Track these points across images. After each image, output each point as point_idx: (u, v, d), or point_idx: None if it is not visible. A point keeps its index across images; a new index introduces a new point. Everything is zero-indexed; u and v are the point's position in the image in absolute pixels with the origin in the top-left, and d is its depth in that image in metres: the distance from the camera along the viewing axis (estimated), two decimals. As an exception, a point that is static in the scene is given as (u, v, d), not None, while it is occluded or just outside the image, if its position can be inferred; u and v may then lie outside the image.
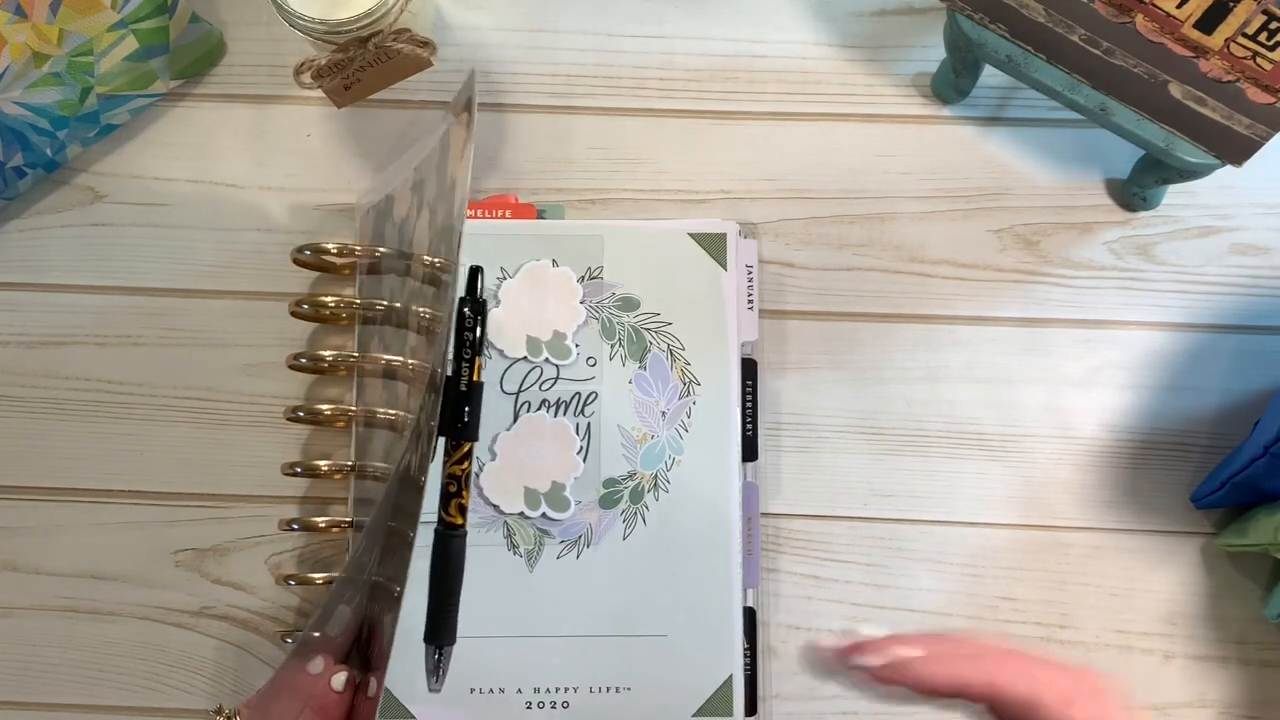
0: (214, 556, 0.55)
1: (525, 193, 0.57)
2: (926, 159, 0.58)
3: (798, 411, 0.56)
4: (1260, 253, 0.56)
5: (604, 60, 0.59)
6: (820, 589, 0.55)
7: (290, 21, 0.51)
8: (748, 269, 0.55)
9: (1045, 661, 0.38)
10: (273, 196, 0.58)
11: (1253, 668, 0.54)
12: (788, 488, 0.55)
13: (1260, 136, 0.47)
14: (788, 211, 0.57)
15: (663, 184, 0.58)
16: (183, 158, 0.58)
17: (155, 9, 0.54)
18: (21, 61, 0.52)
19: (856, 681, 0.39)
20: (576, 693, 0.52)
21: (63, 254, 0.57)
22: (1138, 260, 0.57)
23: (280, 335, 0.56)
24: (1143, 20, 0.46)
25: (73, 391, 0.56)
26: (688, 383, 0.54)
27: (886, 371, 0.56)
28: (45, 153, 0.56)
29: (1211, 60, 0.46)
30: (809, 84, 0.59)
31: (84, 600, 0.55)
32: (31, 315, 0.57)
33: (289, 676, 0.44)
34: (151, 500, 0.56)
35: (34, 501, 0.56)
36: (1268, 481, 0.50)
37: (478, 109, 0.58)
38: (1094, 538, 0.55)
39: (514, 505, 0.53)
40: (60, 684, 0.55)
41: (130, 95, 0.57)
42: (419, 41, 0.54)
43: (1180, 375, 0.56)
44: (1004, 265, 0.57)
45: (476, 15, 0.60)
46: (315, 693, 0.44)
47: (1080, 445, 0.55)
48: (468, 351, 0.49)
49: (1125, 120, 0.51)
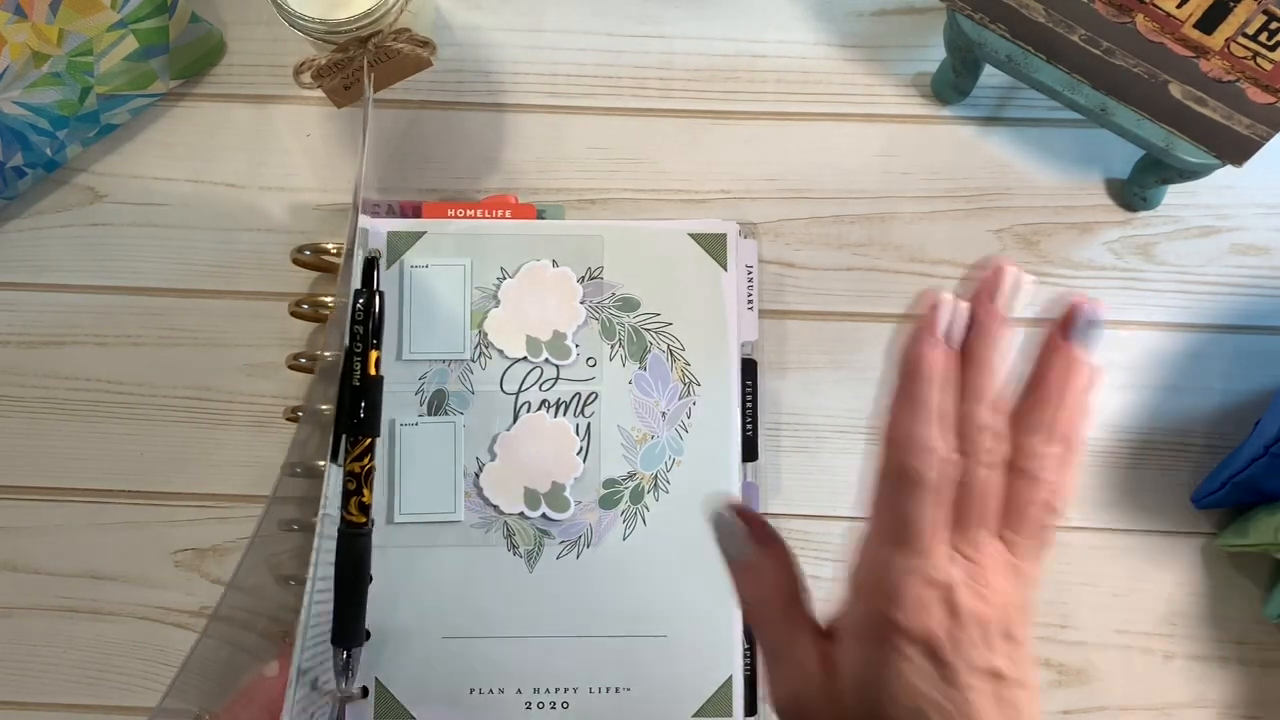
0: (214, 556, 0.55)
1: (525, 193, 0.57)
2: (926, 159, 0.58)
3: (797, 411, 0.56)
4: (1260, 253, 0.56)
5: (604, 60, 0.59)
6: (820, 589, 0.54)
7: (290, 21, 0.51)
8: (748, 269, 0.55)
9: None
10: (273, 196, 0.58)
11: (1253, 668, 0.54)
12: (787, 488, 0.55)
13: (1260, 136, 0.47)
14: (788, 211, 0.57)
15: (663, 184, 0.58)
16: (183, 158, 0.58)
17: (155, 9, 0.54)
18: (21, 61, 0.52)
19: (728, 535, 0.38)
20: (576, 693, 0.52)
21: (63, 254, 0.57)
22: (1138, 260, 0.57)
23: (280, 335, 0.56)
24: (1143, 20, 0.46)
25: (73, 391, 0.56)
26: (688, 383, 0.54)
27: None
28: (45, 153, 0.56)
29: (1212, 60, 0.45)
30: (809, 84, 0.59)
31: (83, 600, 0.55)
32: (31, 315, 0.57)
33: (251, 682, 0.46)
34: (151, 500, 0.56)
35: (34, 501, 0.56)
36: (1268, 481, 0.50)
37: (476, 109, 0.59)
38: (1094, 538, 0.55)
39: (514, 505, 0.53)
40: (60, 684, 0.55)
41: (130, 95, 0.57)
42: (419, 41, 0.54)
43: (1180, 375, 0.56)
44: (1004, 265, 0.57)
45: (476, 15, 0.60)
46: (274, 695, 0.45)
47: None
48: (359, 345, 0.49)
49: (1125, 120, 0.51)
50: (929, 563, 0.34)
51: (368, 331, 0.50)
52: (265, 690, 0.47)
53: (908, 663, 0.33)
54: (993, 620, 0.33)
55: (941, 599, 0.33)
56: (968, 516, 0.34)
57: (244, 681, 0.49)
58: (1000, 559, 0.34)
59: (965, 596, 0.33)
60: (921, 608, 0.33)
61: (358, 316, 0.50)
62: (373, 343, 0.50)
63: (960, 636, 0.33)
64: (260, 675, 0.47)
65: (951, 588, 0.33)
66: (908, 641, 0.33)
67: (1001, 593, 0.34)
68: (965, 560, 0.34)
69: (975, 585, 0.34)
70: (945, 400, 0.34)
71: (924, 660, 0.33)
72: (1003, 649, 0.33)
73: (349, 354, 0.49)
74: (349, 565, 0.50)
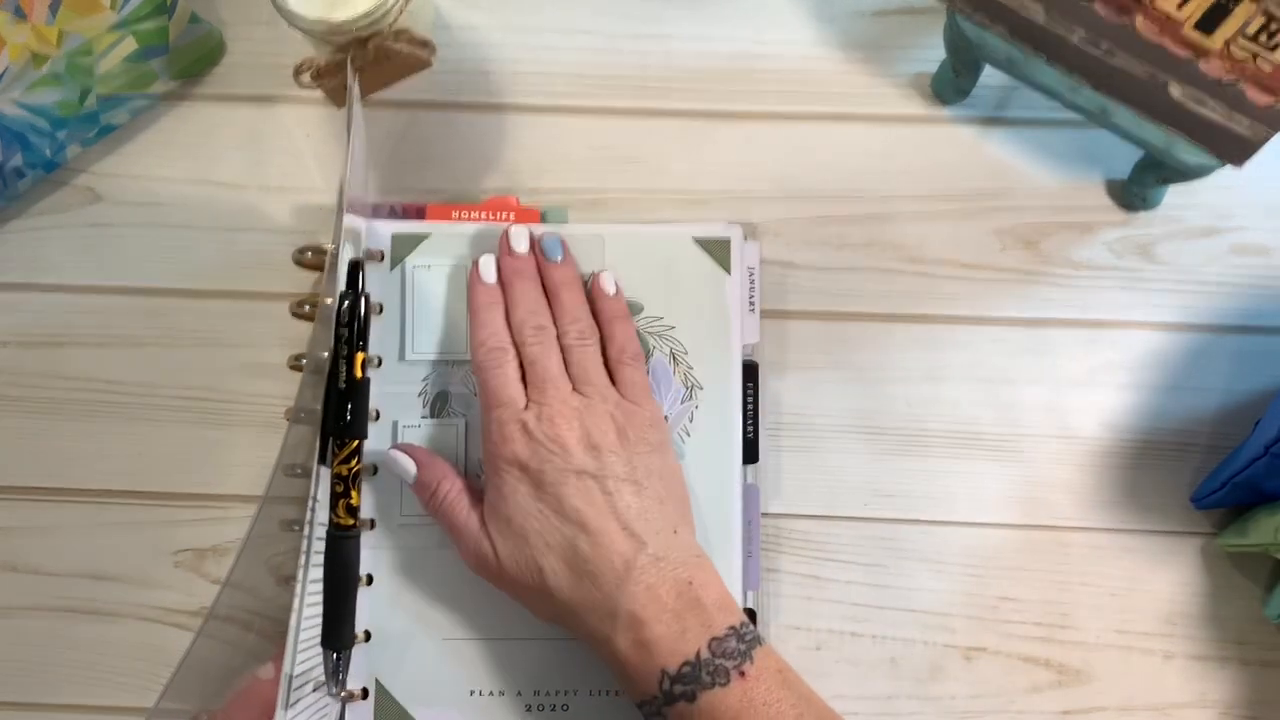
0: (214, 556, 0.55)
1: (525, 193, 0.57)
2: (926, 159, 0.58)
3: (798, 411, 0.56)
4: (1260, 253, 0.57)
5: (604, 60, 0.59)
6: (820, 589, 0.55)
7: (290, 21, 0.51)
8: (749, 271, 0.55)
9: None
10: (273, 196, 0.58)
11: (1253, 668, 0.54)
12: (788, 488, 0.55)
13: (1260, 137, 0.47)
14: (788, 211, 0.57)
15: (662, 184, 0.58)
16: (183, 158, 0.58)
17: (155, 9, 0.54)
18: (21, 62, 0.52)
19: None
20: (577, 695, 0.52)
21: (63, 254, 0.57)
22: (1138, 260, 0.57)
23: (280, 335, 0.56)
24: (1143, 21, 0.46)
25: (73, 391, 0.56)
26: (690, 386, 0.54)
27: (887, 371, 0.56)
28: (45, 153, 0.56)
29: (1211, 61, 0.46)
30: (809, 84, 0.59)
31: (83, 600, 0.55)
32: (31, 315, 0.57)
33: (249, 684, 0.47)
34: (151, 500, 0.56)
35: (34, 501, 0.56)
36: (1268, 481, 0.50)
37: (476, 109, 0.59)
38: (1094, 538, 0.55)
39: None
40: (60, 684, 0.55)
41: (130, 95, 0.56)
42: (418, 41, 0.54)
43: (1180, 375, 0.56)
44: (1004, 265, 0.57)
45: (476, 15, 0.60)
46: (271, 697, 0.46)
47: (1080, 445, 0.55)
48: (345, 348, 0.50)
49: (1125, 121, 0.51)
50: (509, 410, 0.48)
51: (353, 334, 0.50)
52: (262, 693, 0.47)
53: (511, 480, 0.47)
54: (570, 439, 0.47)
55: (521, 431, 0.47)
56: (534, 380, 0.49)
57: (242, 682, 0.49)
58: (570, 400, 0.48)
59: (537, 426, 0.47)
60: (507, 439, 0.47)
61: (343, 319, 0.50)
62: (358, 345, 0.50)
63: (540, 452, 0.46)
64: (256, 677, 0.48)
65: (525, 423, 0.47)
66: (506, 465, 0.47)
67: (573, 421, 0.47)
68: (537, 405, 0.48)
69: (545, 420, 0.47)
70: (496, 315, 0.50)
71: (520, 474, 0.47)
72: (584, 456, 0.47)
73: (335, 357, 0.49)
74: (337, 568, 0.49)
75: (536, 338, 0.50)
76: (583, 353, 0.50)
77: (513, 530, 0.46)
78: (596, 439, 0.47)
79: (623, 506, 0.46)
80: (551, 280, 0.52)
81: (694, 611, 0.45)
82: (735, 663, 0.44)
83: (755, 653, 0.44)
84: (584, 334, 0.51)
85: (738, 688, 0.43)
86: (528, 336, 0.50)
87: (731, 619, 0.45)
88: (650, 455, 0.48)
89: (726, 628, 0.45)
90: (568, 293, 0.52)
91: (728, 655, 0.44)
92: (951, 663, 0.54)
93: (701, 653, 0.44)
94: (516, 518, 0.46)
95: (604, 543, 0.45)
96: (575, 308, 0.51)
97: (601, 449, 0.47)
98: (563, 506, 0.46)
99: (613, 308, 0.53)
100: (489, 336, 0.50)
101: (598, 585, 0.45)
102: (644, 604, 0.44)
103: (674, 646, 0.44)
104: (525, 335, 0.50)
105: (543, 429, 0.47)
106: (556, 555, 0.46)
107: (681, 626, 0.44)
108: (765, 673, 0.44)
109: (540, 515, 0.46)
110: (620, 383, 0.50)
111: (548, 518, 0.46)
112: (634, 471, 0.47)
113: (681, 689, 0.43)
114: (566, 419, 0.47)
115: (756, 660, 0.44)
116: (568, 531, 0.46)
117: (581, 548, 0.45)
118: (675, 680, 0.43)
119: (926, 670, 0.54)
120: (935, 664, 0.54)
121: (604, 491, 0.46)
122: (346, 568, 0.50)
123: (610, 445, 0.47)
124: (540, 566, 0.46)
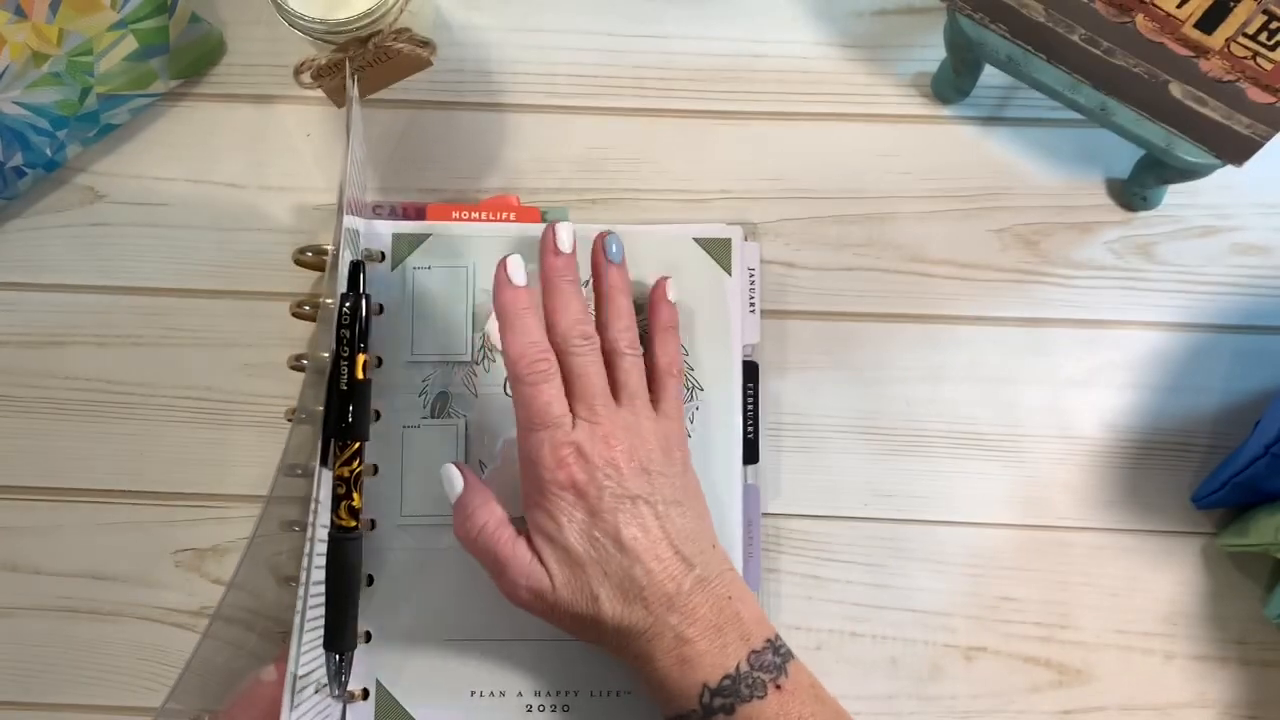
0: (214, 556, 0.55)
1: (525, 193, 0.57)
2: (926, 159, 0.58)
3: (798, 411, 0.56)
4: (1260, 253, 0.57)
5: (604, 60, 0.59)
6: (820, 589, 0.55)
7: (290, 21, 0.51)
8: (750, 271, 0.55)
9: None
10: (273, 196, 0.58)
11: (1253, 668, 0.54)
12: (788, 488, 0.55)
13: (1260, 136, 0.47)
14: (788, 211, 0.57)
15: (663, 184, 0.58)
16: (183, 158, 0.58)
17: (155, 9, 0.54)
18: (21, 61, 0.52)
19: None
20: (577, 696, 0.52)
21: (63, 254, 0.57)
22: (1138, 260, 0.57)
23: (280, 335, 0.56)
24: (1143, 20, 0.46)
25: (73, 391, 0.56)
26: (691, 388, 0.54)
27: (887, 371, 0.56)
28: (45, 153, 0.56)
29: (1212, 60, 0.45)
30: (809, 84, 0.59)
31: (84, 600, 0.55)
32: (31, 315, 0.57)
33: (251, 686, 0.46)
34: (151, 500, 0.56)
35: (34, 501, 0.56)
36: (1268, 481, 0.50)
37: (476, 109, 0.58)
38: (1094, 538, 0.55)
39: (517, 508, 0.53)
40: (60, 684, 0.55)
41: (130, 95, 0.56)
42: (419, 41, 0.54)
43: (1181, 375, 0.56)
44: (1004, 265, 0.57)
45: (476, 15, 0.60)
46: (274, 699, 0.46)
47: (1080, 445, 0.55)
48: (346, 349, 0.49)
49: (1125, 120, 0.51)
50: (560, 431, 0.45)
51: (354, 335, 0.50)
52: (264, 695, 0.47)
53: (566, 506, 0.45)
54: (622, 461, 0.45)
55: (576, 455, 0.45)
56: (581, 394, 0.46)
57: (244, 683, 0.49)
58: (619, 418, 0.46)
59: (591, 448, 0.45)
60: (562, 463, 0.45)
61: (344, 320, 0.50)
62: (360, 346, 0.50)
63: (597, 477, 0.45)
64: (258, 679, 0.47)
65: (580, 446, 0.45)
66: (560, 490, 0.45)
67: (625, 442, 0.45)
68: (588, 424, 0.46)
69: (598, 440, 0.45)
70: (534, 322, 0.47)
71: (576, 499, 0.45)
72: (636, 479, 0.45)
73: (336, 358, 0.49)
74: (339, 570, 0.49)
75: (584, 347, 0.47)
76: (634, 362, 0.48)
77: (571, 559, 0.45)
78: (644, 460, 0.46)
79: (674, 531, 0.46)
80: (608, 281, 0.50)
81: (733, 625, 0.45)
82: (772, 676, 0.44)
83: (790, 666, 0.45)
84: (635, 343, 0.49)
85: (774, 700, 0.44)
86: (574, 346, 0.47)
87: (767, 632, 0.46)
88: (686, 472, 0.48)
89: (764, 640, 0.45)
90: (625, 298, 0.50)
91: (765, 668, 0.44)
92: (952, 663, 0.54)
93: (741, 666, 0.44)
94: (576, 547, 0.45)
95: (657, 569, 0.45)
96: (630, 313, 0.50)
97: (651, 472, 0.46)
98: (620, 535, 0.45)
99: (671, 316, 0.52)
100: (529, 347, 0.46)
101: (648, 609, 0.44)
102: (690, 623, 0.44)
103: (716, 660, 0.44)
104: (572, 344, 0.47)
105: (597, 451, 0.45)
106: (613, 584, 0.45)
107: (723, 641, 0.44)
108: (800, 688, 0.45)
109: (597, 544, 0.45)
110: (663, 397, 0.49)
111: (604, 546, 0.45)
112: (677, 491, 0.47)
113: (721, 702, 0.43)
114: (619, 439, 0.46)
115: (791, 674, 0.45)
116: (624, 561, 0.45)
117: (637, 576, 0.44)
118: (715, 694, 0.43)
119: (927, 670, 0.54)
120: (935, 664, 0.54)
121: (656, 516, 0.45)
122: (348, 570, 0.50)
123: (658, 467, 0.46)
124: (596, 595, 0.45)
